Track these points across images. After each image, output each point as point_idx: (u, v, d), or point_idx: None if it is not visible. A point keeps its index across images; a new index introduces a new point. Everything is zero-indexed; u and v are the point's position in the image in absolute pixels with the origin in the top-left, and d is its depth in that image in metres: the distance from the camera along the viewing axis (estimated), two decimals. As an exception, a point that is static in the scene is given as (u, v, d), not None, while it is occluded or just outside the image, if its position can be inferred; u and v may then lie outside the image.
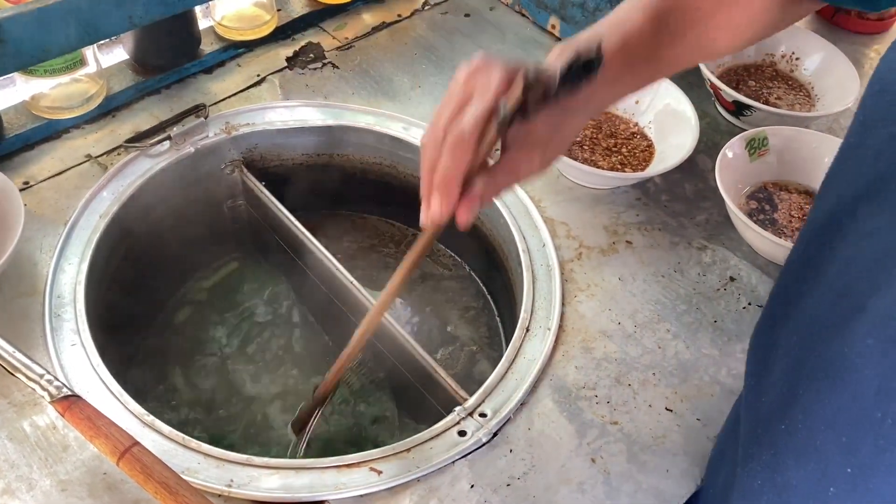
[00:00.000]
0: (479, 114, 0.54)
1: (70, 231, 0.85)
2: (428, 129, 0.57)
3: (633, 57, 0.63)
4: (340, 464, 0.69)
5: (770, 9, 0.67)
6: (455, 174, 0.55)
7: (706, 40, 0.67)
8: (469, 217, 0.57)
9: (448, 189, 0.55)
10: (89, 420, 0.64)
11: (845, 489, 0.46)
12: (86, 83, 0.94)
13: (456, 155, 0.54)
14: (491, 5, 1.21)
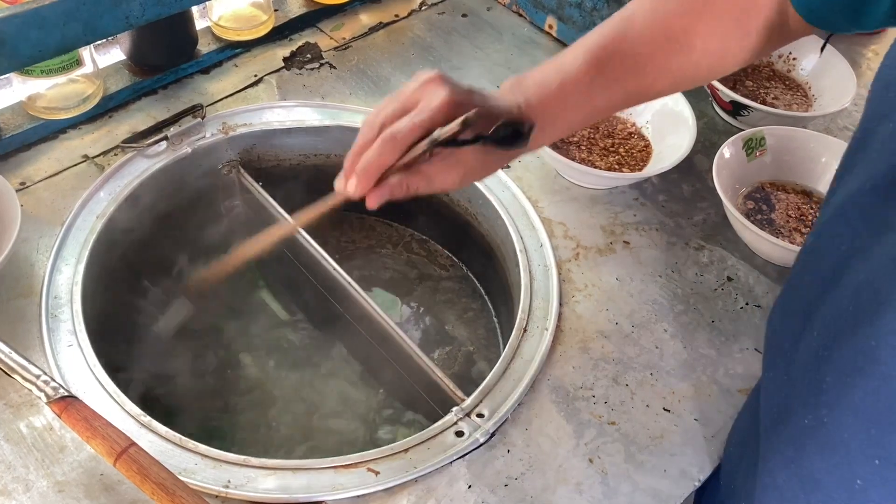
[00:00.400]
0: (414, 124, 0.59)
1: (67, 232, 0.84)
2: (371, 113, 0.62)
3: (570, 102, 0.65)
4: (338, 464, 0.69)
5: (715, 52, 0.67)
6: (377, 167, 0.60)
7: (643, 85, 0.68)
8: (375, 204, 0.62)
9: (366, 177, 0.60)
10: (86, 421, 0.64)
11: (873, 481, 0.46)
12: (82, 83, 0.94)
13: (383, 151, 0.59)
14: (488, 5, 1.21)
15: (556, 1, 1.12)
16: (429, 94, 0.60)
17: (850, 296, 0.50)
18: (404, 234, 1.13)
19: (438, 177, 0.62)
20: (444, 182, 0.63)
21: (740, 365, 0.80)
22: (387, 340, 0.87)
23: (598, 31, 0.67)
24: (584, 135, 0.98)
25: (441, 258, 1.11)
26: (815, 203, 0.94)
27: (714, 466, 0.73)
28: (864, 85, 1.15)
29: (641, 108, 1.00)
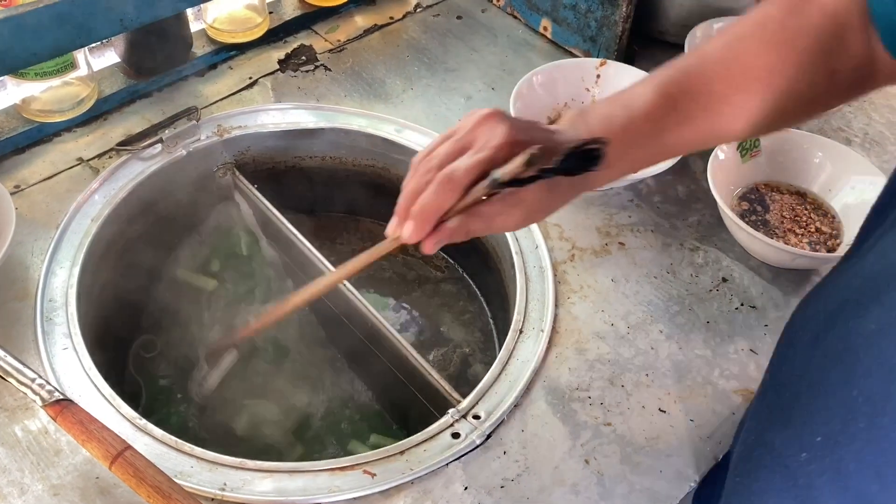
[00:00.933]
0: (473, 164, 0.55)
1: (61, 235, 0.84)
2: (423, 152, 0.59)
3: (637, 139, 0.61)
4: (334, 466, 0.69)
5: (799, 94, 0.61)
6: (434, 210, 0.56)
7: (718, 125, 0.63)
8: (433, 249, 0.58)
9: (424, 221, 0.57)
10: (81, 424, 0.64)
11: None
12: (77, 86, 0.94)
13: (440, 193, 0.56)
14: (483, 7, 1.21)
15: (550, 3, 1.12)
16: (487, 131, 0.56)
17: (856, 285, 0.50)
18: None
19: (499, 218, 0.58)
20: (506, 223, 0.59)
21: (735, 366, 0.81)
22: (382, 342, 0.87)
23: (670, 66, 0.63)
24: (579, 136, 0.99)
25: (437, 260, 1.11)
26: (809, 203, 0.94)
27: (710, 467, 0.73)
28: None
29: (636, 109, 1.00)
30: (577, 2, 1.09)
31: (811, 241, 0.90)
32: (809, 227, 0.92)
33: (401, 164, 1.02)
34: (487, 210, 0.58)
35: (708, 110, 0.62)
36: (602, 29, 1.07)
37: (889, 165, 1.04)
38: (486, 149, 0.55)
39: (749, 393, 0.79)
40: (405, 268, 1.10)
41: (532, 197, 0.58)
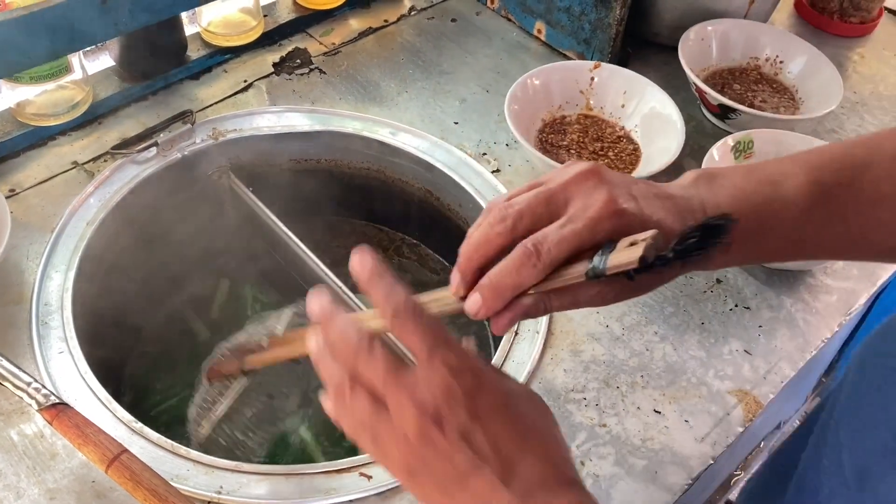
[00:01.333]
0: (565, 238, 0.47)
1: (57, 238, 0.84)
2: (502, 199, 0.51)
3: (775, 226, 0.51)
4: (330, 469, 0.69)
5: None
6: (511, 289, 0.48)
7: (871, 235, 0.53)
8: (503, 330, 0.51)
9: (496, 299, 0.49)
10: (77, 428, 0.64)
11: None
12: (72, 90, 0.94)
13: (521, 270, 0.48)
14: (477, 10, 1.22)
15: (544, 6, 1.13)
16: (584, 193, 0.47)
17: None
18: (395, 239, 1.13)
19: (587, 296, 0.50)
20: (593, 302, 0.50)
21: (730, 366, 0.81)
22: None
23: (832, 150, 0.54)
24: (574, 139, 0.99)
25: (432, 262, 1.11)
26: (802, 205, 0.95)
27: (705, 467, 0.73)
28: (850, 88, 1.16)
29: (630, 111, 1.01)
30: (570, 4, 1.09)
31: (805, 243, 0.90)
32: (803, 228, 0.92)
33: (396, 166, 1.03)
34: (578, 291, 0.49)
35: (865, 214, 0.52)
36: (596, 32, 1.08)
37: (882, 166, 1.05)
38: (581, 219, 0.47)
39: (743, 394, 0.79)
40: (400, 270, 1.10)
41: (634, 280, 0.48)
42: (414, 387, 0.46)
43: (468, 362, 0.47)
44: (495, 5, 1.21)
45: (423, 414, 0.45)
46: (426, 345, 0.47)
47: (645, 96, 1.00)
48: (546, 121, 1.01)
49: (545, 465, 0.47)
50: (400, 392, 0.46)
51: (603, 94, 1.02)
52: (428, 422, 0.45)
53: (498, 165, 0.98)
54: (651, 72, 1.08)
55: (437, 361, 0.46)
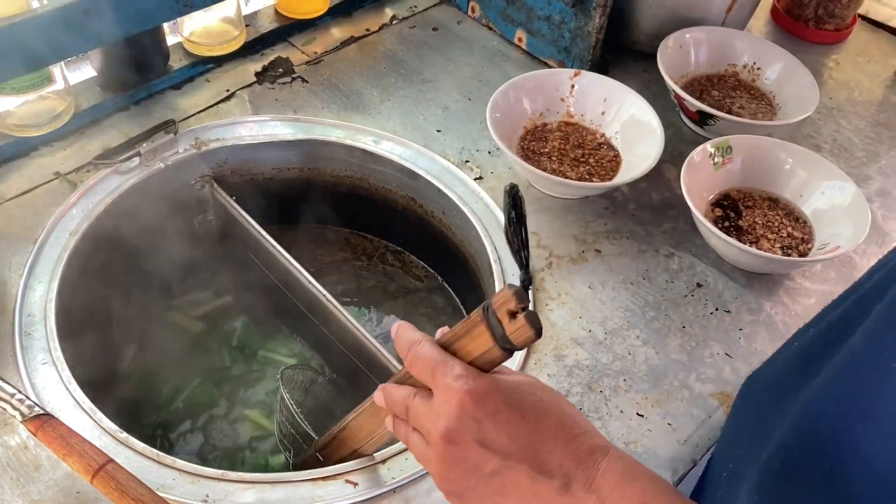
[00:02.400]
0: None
1: (40, 249, 0.84)
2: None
3: None
4: (316, 476, 0.70)
5: None
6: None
7: None
8: None
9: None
10: (62, 438, 0.63)
11: None
12: (53, 100, 0.94)
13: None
14: (458, 19, 1.23)
15: (524, 15, 1.14)
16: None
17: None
18: (379, 246, 1.14)
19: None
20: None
21: (711, 369, 0.82)
22: (363, 353, 0.87)
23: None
24: (555, 146, 1.00)
25: (416, 269, 1.12)
26: (781, 209, 0.96)
27: (687, 469, 0.74)
28: (826, 94, 1.18)
29: (610, 118, 1.02)
30: (551, 13, 1.10)
31: (783, 246, 0.92)
32: (781, 232, 0.93)
33: (379, 174, 1.03)
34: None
35: None
36: (576, 40, 1.09)
37: (857, 171, 1.07)
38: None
39: (724, 396, 0.80)
40: (385, 277, 1.11)
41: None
42: (433, 415, 0.52)
43: (468, 373, 0.52)
44: (476, 14, 1.22)
45: (440, 438, 0.51)
46: (429, 371, 0.53)
47: (625, 103, 1.01)
48: (527, 128, 1.02)
49: (568, 443, 0.51)
50: (426, 424, 0.53)
51: (583, 101, 1.03)
52: (445, 443, 0.51)
53: (480, 173, 0.99)
54: (630, 79, 1.09)
55: (440, 383, 0.52)
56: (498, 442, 0.50)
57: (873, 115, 1.17)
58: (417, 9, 1.24)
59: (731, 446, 0.65)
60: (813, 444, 0.50)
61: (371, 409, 0.65)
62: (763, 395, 0.60)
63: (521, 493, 0.50)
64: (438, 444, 0.51)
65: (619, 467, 0.50)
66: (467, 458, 0.51)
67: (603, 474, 0.50)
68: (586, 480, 0.50)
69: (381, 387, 0.59)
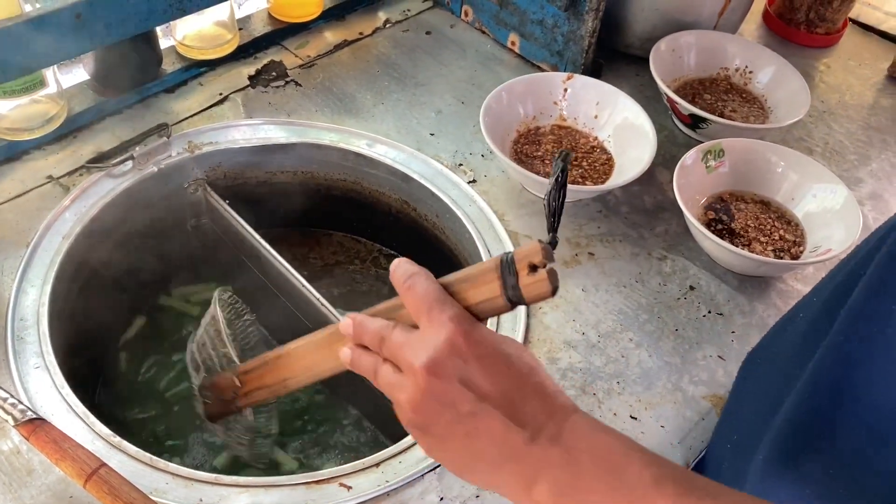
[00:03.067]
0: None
1: (32, 253, 0.84)
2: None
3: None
4: (310, 480, 0.70)
5: None
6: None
7: None
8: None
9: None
10: (55, 443, 0.63)
11: None
12: (46, 104, 0.94)
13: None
14: (451, 23, 1.23)
15: (518, 18, 1.14)
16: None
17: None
18: (372, 250, 1.14)
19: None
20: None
21: (704, 372, 0.82)
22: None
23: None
24: (548, 149, 1.00)
25: (409, 273, 1.12)
26: (773, 212, 0.96)
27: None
28: (817, 97, 1.19)
29: (603, 122, 1.02)
30: (544, 17, 1.10)
31: (775, 249, 0.92)
32: (773, 235, 0.94)
33: (372, 178, 1.03)
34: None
35: None
36: (569, 43, 1.09)
37: (848, 174, 1.07)
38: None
39: (717, 398, 0.80)
40: (378, 281, 1.11)
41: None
42: (417, 346, 0.52)
43: (463, 315, 0.52)
44: (469, 18, 1.22)
45: (422, 368, 0.51)
46: (426, 304, 0.53)
47: (617, 107, 1.02)
48: (520, 131, 1.02)
49: (545, 399, 0.51)
50: (406, 354, 0.52)
51: (576, 104, 1.04)
52: (427, 374, 0.51)
53: (474, 176, 0.99)
54: (623, 83, 1.10)
55: (435, 317, 0.52)
56: (480, 384, 0.51)
57: (864, 119, 1.17)
58: (411, 13, 1.24)
59: (735, 419, 0.64)
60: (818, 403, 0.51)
61: (328, 338, 0.63)
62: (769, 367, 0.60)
63: (491, 439, 0.50)
64: (420, 373, 0.51)
65: (588, 422, 0.51)
66: (446, 393, 0.51)
67: (571, 427, 0.50)
68: (554, 433, 0.50)
69: (350, 315, 0.58)
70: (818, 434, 0.53)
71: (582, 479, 0.48)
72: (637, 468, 0.47)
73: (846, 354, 0.51)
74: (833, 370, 0.52)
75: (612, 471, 0.48)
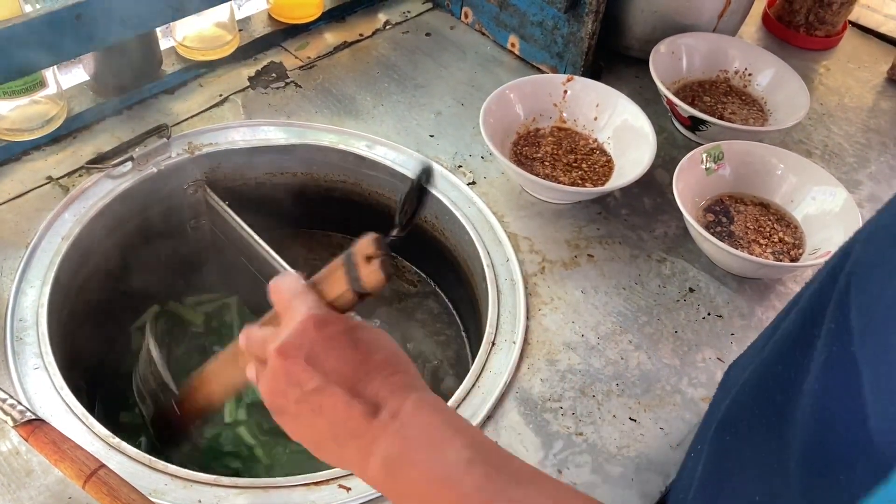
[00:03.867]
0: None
1: (31, 254, 0.84)
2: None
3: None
4: (309, 481, 0.70)
5: None
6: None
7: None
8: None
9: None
10: (54, 444, 0.63)
11: None
12: (46, 105, 0.94)
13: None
14: (451, 24, 1.23)
15: (517, 20, 1.14)
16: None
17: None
18: (372, 251, 1.14)
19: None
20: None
21: (703, 374, 0.82)
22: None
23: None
24: (548, 151, 1.00)
25: (409, 274, 1.12)
26: (772, 214, 0.96)
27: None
28: (816, 99, 1.19)
29: (602, 124, 1.02)
30: (543, 19, 1.11)
31: (775, 251, 0.92)
32: (773, 237, 0.94)
33: (372, 179, 1.03)
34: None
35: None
36: (568, 45, 1.09)
37: (847, 176, 1.07)
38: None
39: (717, 400, 0.80)
40: (377, 282, 1.11)
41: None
42: (275, 337, 0.55)
43: (319, 306, 0.55)
44: (469, 20, 1.22)
45: (273, 351, 0.53)
46: (287, 300, 0.56)
47: (617, 109, 1.02)
48: (520, 133, 1.02)
49: (388, 377, 0.53)
50: (268, 346, 0.55)
51: (576, 106, 1.04)
52: (277, 356, 0.53)
53: (473, 178, 0.99)
54: (623, 85, 1.10)
55: (294, 309, 0.55)
56: (324, 363, 0.52)
57: (863, 121, 1.17)
58: (410, 14, 1.24)
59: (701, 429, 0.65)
60: (754, 397, 0.51)
61: (234, 354, 0.66)
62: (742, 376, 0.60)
63: (335, 415, 0.52)
64: (272, 357, 0.53)
65: (429, 401, 0.52)
66: (292, 372, 0.53)
67: (411, 405, 0.51)
68: (394, 409, 0.51)
69: (244, 329, 0.60)
70: (751, 430, 0.54)
71: (408, 453, 0.50)
72: (458, 447, 0.49)
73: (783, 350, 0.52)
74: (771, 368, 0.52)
75: (435, 447, 0.50)
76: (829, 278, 0.47)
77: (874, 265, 0.44)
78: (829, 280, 0.48)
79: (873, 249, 0.45)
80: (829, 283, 0.47)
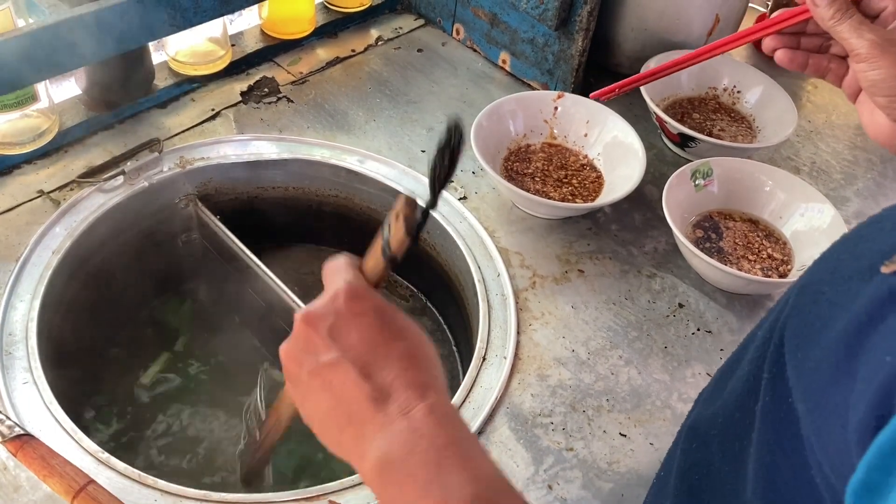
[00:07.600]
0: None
1: (21, 268, 0.84)
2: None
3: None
4: (299, 497, 0.69)
5: None
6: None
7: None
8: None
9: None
10: (42, 459, 0.63)
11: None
12: (37, 118, 0.94)
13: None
14: (443, 41, 1.24)
15: (509, 37, 1.15)
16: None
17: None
18: (363, 266, 1.14)
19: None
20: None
21: (693, 389, 0.83)
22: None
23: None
24: (538, 167, 1.01)
25: (400, 288, 1.12)
26: (761, 230, 0.97)
27: (670, 489, 0.75)
28: (804, 117, 1.20)
29: (592, 140, 1.03)
30: (534, 36, 1.11)
31: (764, 268, 0.93)
32: (762, 253, 0.94)
33: (364, 194, 1.04)
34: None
35: None
36: (559, 62, 1.10)
37: (835, 193, 1.08)
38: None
39: (706, 416, 0.80)
40: (368, 297, 1.11)
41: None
42: (309, 307, 0.52)
43: (357, 279, 0.53)
44: (461, 36, 1.23)
45: (300, 318, 0.52)
46: (329, 275, 0.55)
47: (607, 125, 1.03)
48: (511, 149, 1.03)
49: (407, 370, 0.50)
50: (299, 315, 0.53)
51: (566, 123, 1.05)
52: (301, 322, 0.52)
53: (465, 193, 0.99)
54: (613, 101, 1.10)
55: (332, 282, 0.53)
56: (345, 338, 0.50)
57: (850, 139, 1.19)
58: (402, 30, 1.25)
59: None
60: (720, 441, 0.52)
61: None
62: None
63: (343, 393, 0.49)
64: (297, 322, 0.52)
65: (445, 411, 0.49)
66: (311, 340, 0.51)
67: (426, 406, 0.48)
68: (405, 405, 0.48)
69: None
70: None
71: (407, 465, 0.46)
72: (463, 480, 0.44)
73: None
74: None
75: (439, 469, 0.45)
76: (774, 324, 0.48)
77: (801, 323, 0.44)
78: (774, 325, 0.48)
79: (801, 304, 0.45)
80: (774, 329, 0.48)
